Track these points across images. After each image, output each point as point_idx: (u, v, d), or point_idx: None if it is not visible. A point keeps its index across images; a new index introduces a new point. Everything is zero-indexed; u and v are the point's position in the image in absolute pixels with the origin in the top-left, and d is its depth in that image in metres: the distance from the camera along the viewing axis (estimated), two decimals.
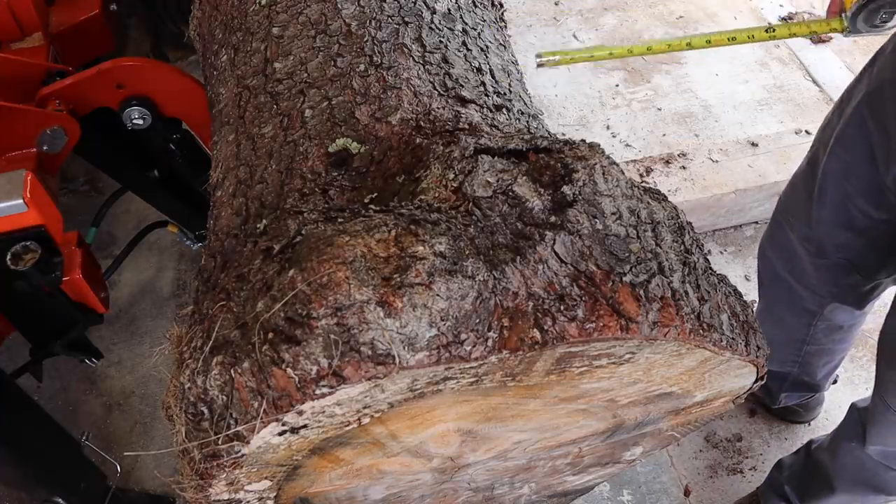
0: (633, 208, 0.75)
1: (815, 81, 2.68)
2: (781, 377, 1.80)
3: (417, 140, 0.82)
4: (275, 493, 0.82)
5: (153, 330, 2.16)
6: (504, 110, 0.93)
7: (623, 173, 0.78)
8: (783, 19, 2.88)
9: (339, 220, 0.72)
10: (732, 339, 0.77)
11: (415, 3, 1.03)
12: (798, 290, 1.54)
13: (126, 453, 1.85)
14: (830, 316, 1.57)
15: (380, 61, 0.94)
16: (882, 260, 1.37)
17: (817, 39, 2.82)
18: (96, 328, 1.51)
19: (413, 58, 0.95)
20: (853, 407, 1.47)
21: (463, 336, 0.65)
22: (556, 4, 2.99)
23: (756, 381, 0.90)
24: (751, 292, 2.20)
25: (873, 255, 1.36)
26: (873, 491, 1.46)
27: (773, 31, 0.88)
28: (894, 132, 1.17)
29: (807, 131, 2.46)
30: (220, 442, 0.67)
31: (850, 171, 1.29)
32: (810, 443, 1.63)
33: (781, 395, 1.87)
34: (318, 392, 0.63)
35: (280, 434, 0.68)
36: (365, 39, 0.96)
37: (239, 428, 0.65)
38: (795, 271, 1.53)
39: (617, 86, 2.66)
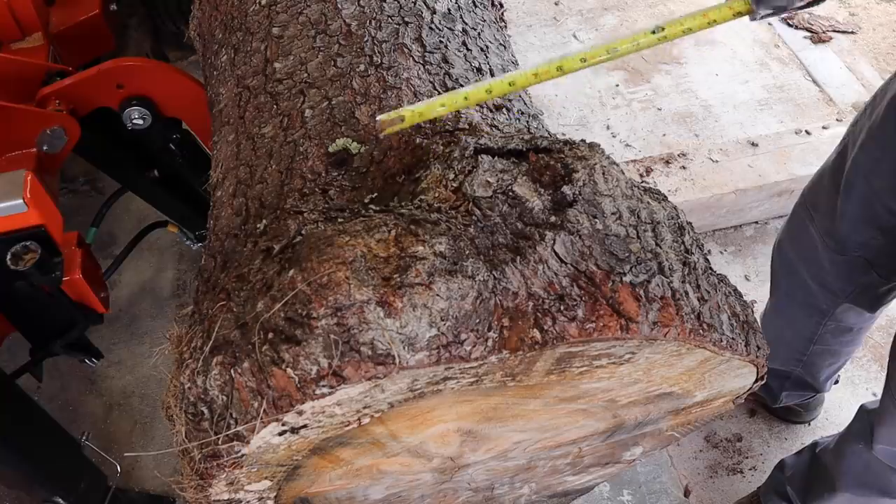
0: (633, 208, 0.75)
1: (815, 81, 2.67)
2: (783, 376, 1.79)
3: (417, 140, 0.82)
4: (275, 493, 0.82)
5: (153, 330, 2.16)
6: (504, 110, 0.93)
7: (623, 173, 0.78)
8: (783, 19, 2.88)
9: (339, 220, 0.72)
10: (732, 338, 0.77)
11: (415, 3, 1.03)
12: (813, 287, 1.54)
13: (126, 453, 1.84)
14: (841, 316, 1.56)
15: (380, 61, 0.94)
16: None
17: (817, 39, 2.82)
18: (96, 328, 1.51)
19: (413, 58, 0.95)
20: (862, 409, 1.46)
21: (463, 336, 0.65)
22: (556, 4, 2.99)
23: (756, 380, 0.90)
24: (751, 292, 2.20)
25: (894, 254, 1.36)
26: (878, 493, 1.46)
27: (663, 30, 0.79)
28: None
29: (807, 131, 2.46)
30: (220, 442, 0.67)
31: (879, 167, 1.27)
32: (815, 444, 1.63)
33: (782, 395, 1.87)
34: (318, 392, 0.63)
35: (280, 434, 0.68)
36: (365, 39, 0.96)
37: (239, 428, 0.65)
38: (812, 267, 1.51)
39: (617, 86, 2.66)
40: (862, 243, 1.38)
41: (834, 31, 2.88)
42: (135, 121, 1.48)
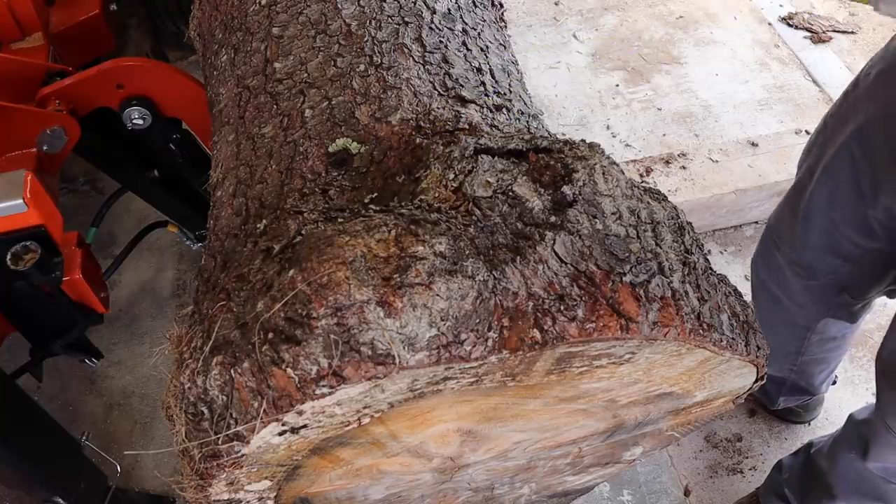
0: (633, 208, 0.75)
1: (815, 81, 2.67)
2: (779, 381, 1.80)
3: (417, 140, 0.82)
4: (275, 493, 0.82)
5: (153, 330, 2.16)
6: (504, 110, 0.93)
7: (623, 173, 0.78)
8: (783, 19, 2.88)
9: (339, 220, 0.72)
10: (732, 338, 0.77)
11: (415, 3, 1.03)
12: (790, 307, 1.55)
13: (126, 453, 1.85)
14: (823, 329, 1.57)
15: (380, 61, 0.94)
16: (871, 283, 1.38)
17: (817, 39, 2.82)
18: (96, 328, 1.51)
19: (413, 58, 0.95)
20: (851, 419, 1.47)
21: (463, 336, 0.65)
22: (556, 4, 2.99)
23: (756, 380, 0.90)
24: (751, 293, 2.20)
25: (862, 278, 1.38)
26: (873, 501, 1.47)
27: None
28: (882, 165, 1.18)
29: (807, 131, 2.46)
30: (220, 442, 0.67)
31: (837, 200, 1.30)
32: (810, 445, 1.63)
33: (780, 399, 1.87)
34: (318, 392, 0.63)
35: (280, 434, 0.68)
36: (365, 39, 0.96)
37: (239, 428, 0.65)
38: (786, 291, 1.54)
39: (617, 86, 2.66)
40: (830, 269, 1.40)
41: (834, 31, 2.88)
42: (135, 121, 1.48)
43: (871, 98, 1.21)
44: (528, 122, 0.96)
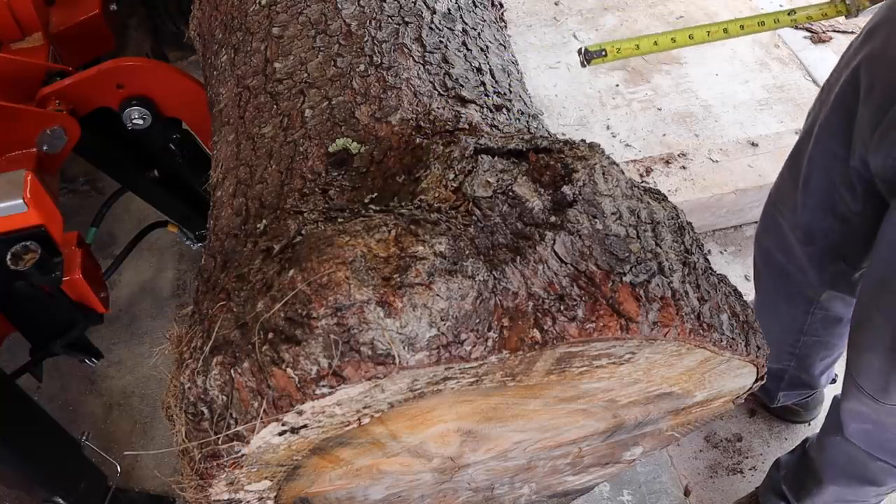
0: (633, 208, 0.75)
1: (815, 81, 2.67)
2: (778, 375, 1.79)
3: (417, 140, 0.82)
4: (275, 493, 0.82)
5: (153, 330, 2.16)
6: (504, 110, 0.93)
7: (623, 173, 0.78)
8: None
9: (339, 220, 0.72)
10: (732, 338, 0.77)
11: (415, 3, 1.03)
12: (794, 274, 1.55)
13: (126, 453, 1.85)
14: (828, 305, 1.57)
15: (380, 61, 0.94)
16: (864, 248, 1.38)
17: (817, 39, 2.82)
18: (96, 328, 1.51)
19: (413, 58, 0.95)
20: (835, 400, 1.48)
21: (463, 336, 0.65)
22: (556, 4, 2.99)
23: (756, 381, 0.90)
24: (751, 292, 2.19)
25: (856, 242, 1.38)
26: (862, 483, 1.47)
27: (794, 12, 1.17)
28: (860, 116, 1.19)
29: None
30: (220, 442, 0.67)
31: (834, 158, 1.30)
32: (805, 441, 1.64)
33: (779, 394, 1.87)
34: (318, 392, 0.63)
35: (280, 434, 0.68)
36: (365, 39, 0.96)
37: (239, 428, 0.65)
38: (789, 256, 1.54)
39: (617, 86, 2.66)
40: (826, 231, 1.40)
41: (834, 31, 2.88)
42: (135, 121, 1.48)
43: (855, 53, 1.23)
44: (528, 122, 0.96)
